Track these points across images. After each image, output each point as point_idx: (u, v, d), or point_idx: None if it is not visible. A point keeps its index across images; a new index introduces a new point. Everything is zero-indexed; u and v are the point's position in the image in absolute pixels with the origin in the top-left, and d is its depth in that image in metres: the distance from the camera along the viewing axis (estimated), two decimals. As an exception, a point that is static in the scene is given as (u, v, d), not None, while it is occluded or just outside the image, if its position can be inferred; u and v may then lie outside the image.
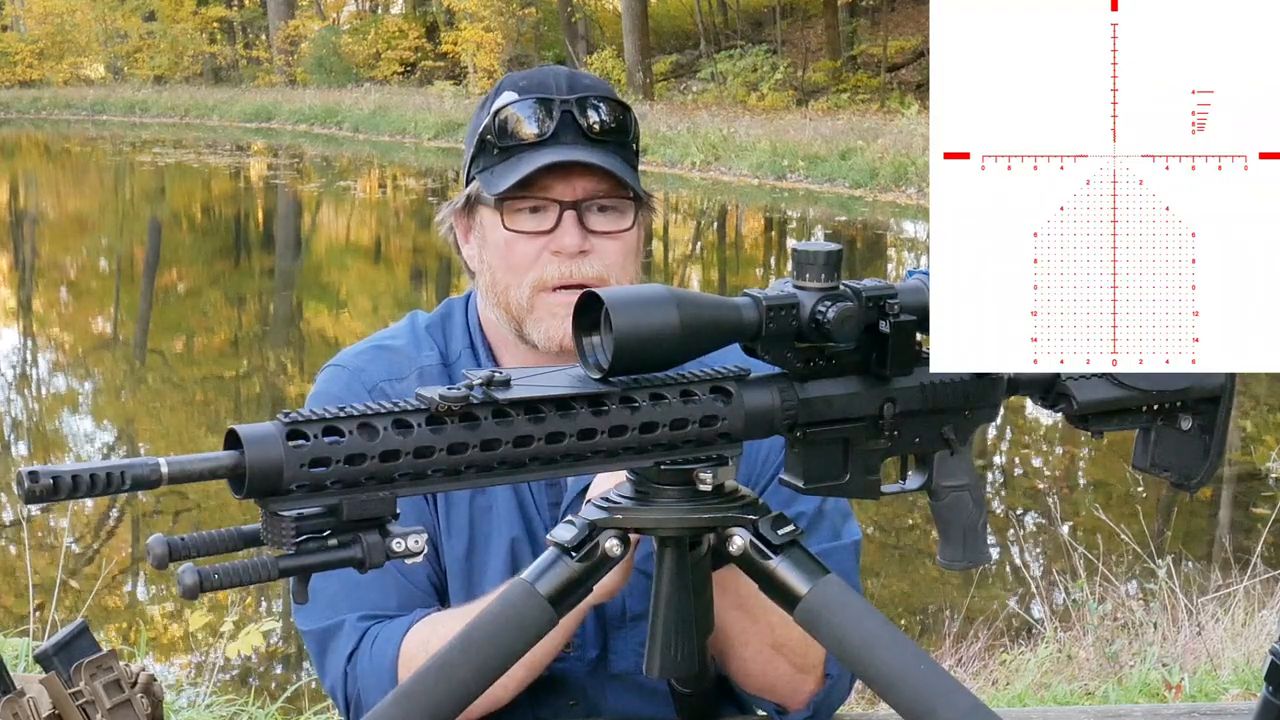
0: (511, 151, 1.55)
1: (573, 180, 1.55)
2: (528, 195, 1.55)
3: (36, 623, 4.58)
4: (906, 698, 1.07)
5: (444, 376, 1.64)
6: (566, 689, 1.62)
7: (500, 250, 1.58)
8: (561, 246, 1.54)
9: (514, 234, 1.56)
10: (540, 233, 1.55)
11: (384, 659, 1.54)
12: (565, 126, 1.54)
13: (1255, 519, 6.30)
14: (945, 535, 1.24)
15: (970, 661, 4.55)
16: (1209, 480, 1.31)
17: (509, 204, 1.55)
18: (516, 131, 1.54)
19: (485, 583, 1.60)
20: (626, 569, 1.35)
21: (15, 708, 1.22)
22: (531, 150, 1.54)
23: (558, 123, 1.54)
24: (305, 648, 1.69)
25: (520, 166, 1.53)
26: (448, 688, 1.09)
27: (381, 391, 1.63)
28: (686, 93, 29.15)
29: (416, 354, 1.66)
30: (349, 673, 1.57)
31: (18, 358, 11.86)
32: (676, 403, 1.06)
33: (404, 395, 1.59)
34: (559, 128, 1.54)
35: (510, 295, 1.57)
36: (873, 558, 6.48)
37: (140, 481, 0.90)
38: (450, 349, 1.67)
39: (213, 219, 20.99)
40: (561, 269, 1.55)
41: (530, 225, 1.56)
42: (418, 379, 1.63)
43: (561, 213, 1.55)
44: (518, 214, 1.56)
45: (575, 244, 1.54)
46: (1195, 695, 3.80)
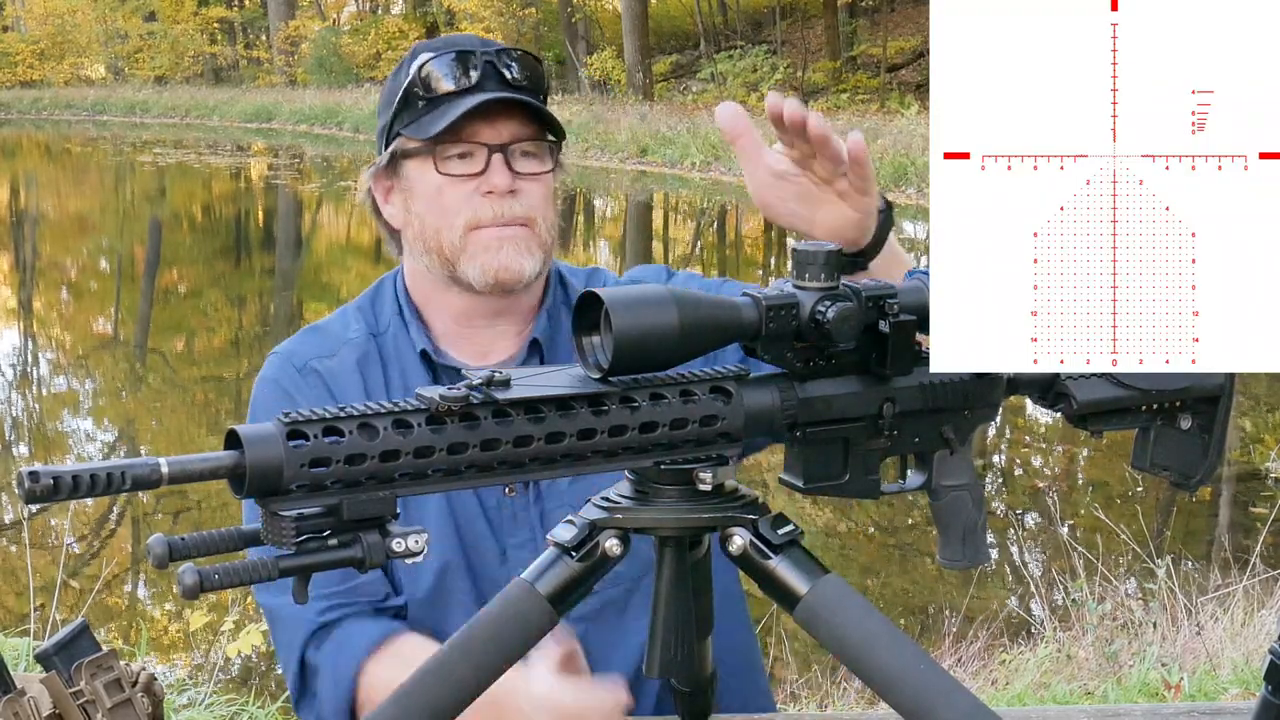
0: (438, 102, 1.64)
1: (498, 125, 1.65)
2: (458, 140, 1.64)
3: (37, 622, 4.58)
4: (906, 697, 1.07)
5: (371, 345, 1.73)
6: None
7: (431, 196, 1.67)
8: (493, 186, 1.64)
9: (446, 178, 1.65)
10: (471, 175, 1.65)
11: (344, 681, 1.60)
12: (488, 76, 1.64)
13: (1255, 519, 6.30)
14: (945, 535, 1.24)
15: (970, 661, 4.55)
16: (1208, 480, 1.31)
17: (439, 149, 1.65)
18: (441, 83, 1.64)
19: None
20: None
21: (16, 707, 1.22)
22: (459, 98, 1.63)
23: (480, 73, 1.64)
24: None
25: (450, 112, 1.62)
26: (448, 688, 1.09)
27: (312, 369, 1.71)
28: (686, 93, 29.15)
29: (344, 331, 1.75)
30: (303, 671, 1.64)
31: (18, 358, 11.86)
32: (676, 402, 1.06)
33: (334, 371, 1.71)
34: (482, 78, 1.64)
35: (443, 237, 1.66)
36: (873, 557, 6.49)
37: (140, 481, 0.90)
38: (380, 321, 1.76)
39: (213, 219, 20.99)
40: (494, 208, 1.65)
41: (461, 169, 1.65)
42: (346, 351, 1.72)
43: (490, 155, 1.65)
44: (447, 160, 1.65)
45: (505, 183, 1.64)
46: (1195, 695, 3.80)
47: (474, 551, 1.67)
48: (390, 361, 1.72)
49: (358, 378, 1.70)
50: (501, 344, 1.72)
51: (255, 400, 1.73)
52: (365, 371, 1.71)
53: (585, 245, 17.97)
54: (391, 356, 1.72)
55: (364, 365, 1.71)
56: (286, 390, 1.69)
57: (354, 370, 1.71)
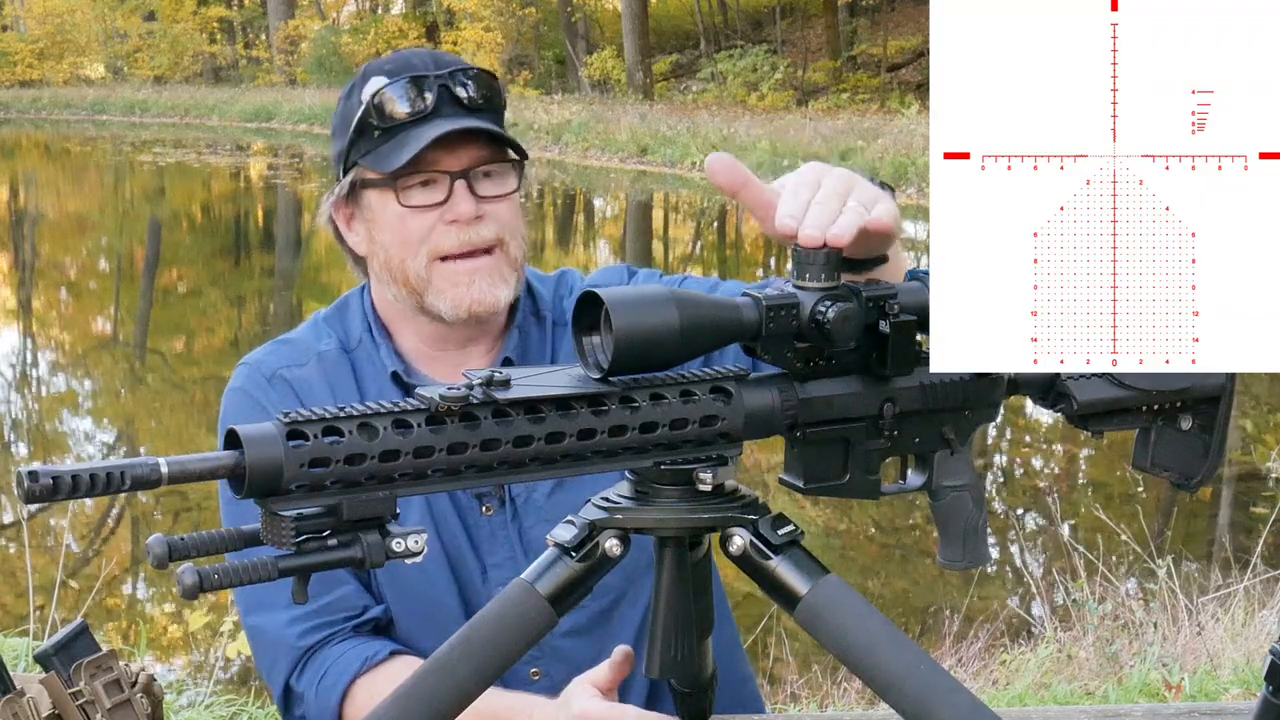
0: (394, 132, 1.60)
1: (458, 151, 1.61)
2: (418, 170, 1.60)
3: (36, 623, 4.58)
4: (906, 698, 1.07)
5: (343, 360, 1.71)
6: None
7: (394, 227, 1.63)
8: (458, 214, 1.61)
9: (408, 209, 1.62)
10: (434, 205, 1.61)
11: (328, 711, 1.60)
12: (443, 100, 1.60)
13: (1255, 519, 6.30)
14: (945, 535, 1.24)
15: (970, 661, 4.55)
16: (1209, 480, 1.31)
17: (400, 180, 1.61)
18: (396, 111, 1.60)
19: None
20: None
21: (15, 707, 1.22)
22: (415, 126, 1.60)
23: (436, 97, 1.60)
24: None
25: (408, 143, 1.58)
26: (447, 688, 1.08)
27: (280, 377, 1.69)
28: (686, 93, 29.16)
29: (315, 342, 1.73)
30: (288, 698, 1.64)
31: (18, 358, 11.86)
32: (676, 403, 1.06)
33: (304, 380, 1.69)
34: (438, 102, 1.60)
35: (408, 269, 1.63)
36: (873, 557, 6.49)
37: (140, 481, 0.90)
38: (350, 336, 1.73)
39: (213, 219, 20.99)
40: (459, 236, 1.62)
41: (423, 199, 1.62)
42: (317, 363, 1.70)
43: (453, 183, 1.61)
44: (409, 190, 1.62)
45: (470, 211, 1.61)
46: (1195, 695, 3.80)
47: (458, 566, 1.67)
48: (364, 378, 1.70)
49: (327, 388, 1.68)
50: (473, 363, 1.70)
51: (225, 410, 1.72)
52: (335, 384, 1.69)
53: (585, 245, 17.98)
54: (365, 373, 1.70)
55: (335, 377, 1.69)
56: (255, 399, 1.68)
57: (323, 380, 1.69)
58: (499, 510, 1.68)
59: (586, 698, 1.41)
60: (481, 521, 1.68)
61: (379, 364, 1.70)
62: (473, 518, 1.68)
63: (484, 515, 1.67)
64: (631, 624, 1.69)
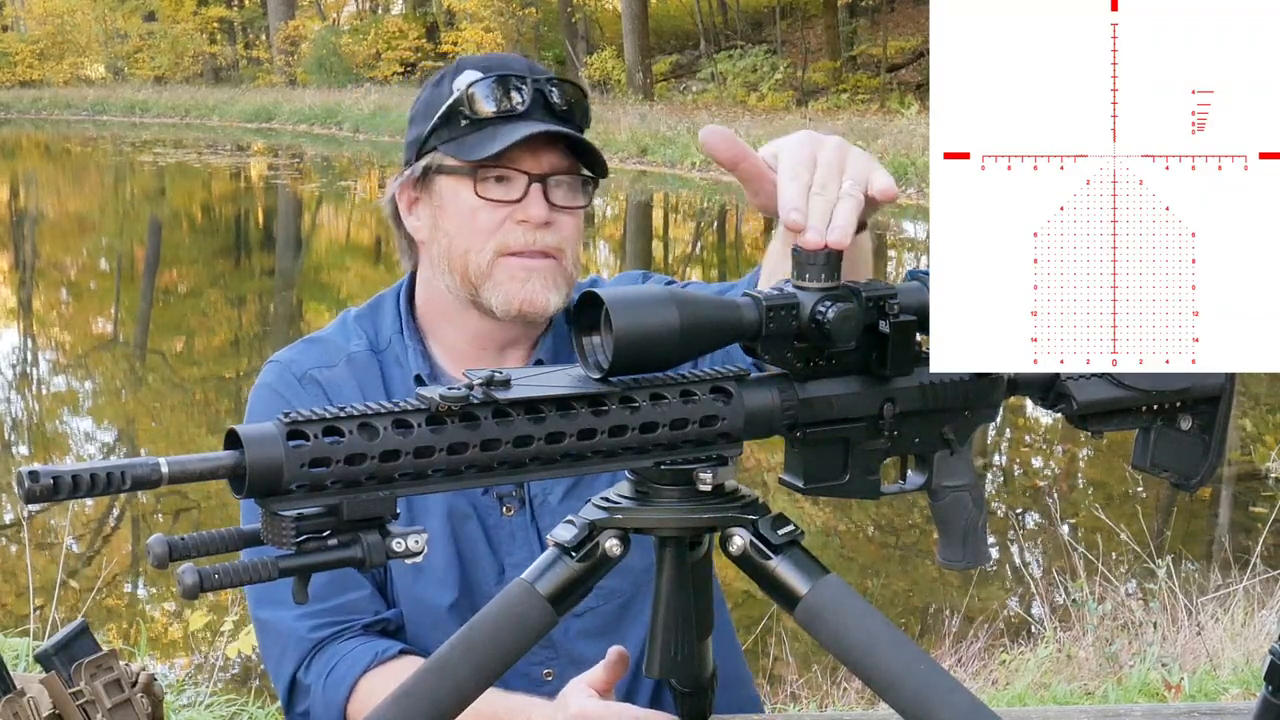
0: (484, 124, 1.62)
1: (540, 155, 1.63)
2: (500, 165, 1.62)
3: (37, 622, 4.58)
4: (906, 698, 1.07)
5: (373, 362, 1.72)
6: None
7: (464, 216, 1.64)
8: (529, 216, 1.62)
9: (483, 201, 1.63)
10: (508, 201, 1.63)
11: (334, 706, 1.60)
12: (535, 103, 1.62)
13: (1255, 519, 6.30)
14: (945, 535, 1.24)
15: (970, 661, 4.55)
16: (1209, 480, 1.31)
17: (479, 172, 1.62)
18: (489, 105, 1.62)
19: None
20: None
21: (15, 707, 1.22)
22: (505, 123, 1.61)
23: (529, 98, 1.62)
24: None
25: (497, 137, 1.60)
26: (447, 687, 1.09)
27: (311, 378, 1.70)
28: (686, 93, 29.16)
29: (345, 343, 1.74)
30: (294, 690, 1.65)
31: (18, 358, 11.86)
32: (676, 403, 1.06)
33: (334, 382, 1.70)
34: (531, 104, 1.62)
35: (470, 259, 1.64)
36: (873, 557, 6.49)
37: (140, 481, 0.90)
38: (380, 337, 1.74)
39: (213, 219, 20.99)
40: (525, 236, 1.63)
41: (498, 194, 1.63)
42: (347, 365, 1.71)
43: (529, 185, 1.63)
44: (485, 182, 1.63)
45: (541, 215, 1.63)
46: (1195, 695, 3.80)
47: (474, 567, 1.68)
48: (391, 380, 1.71)
49: (356, 390, 1.69)
50: (508, 365, 1.71)
51: (252, 406, 1.72)
52: (365, 386, 1.70)
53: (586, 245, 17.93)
54: (393, 376, 1.71)
55: (364, 379, 1.70)
56: (285, 397, 1.68)
57: (353, 382, 1.70)
58: (519, 510, 1.68)
59: (583, 697, 1.42)
60: (502, 522, 1.69)
61: (406, 367, 1.71)
62: (493, 518, 1.69)
63: (504, 515, 1.68)
64: (644, 626, 1.69)
